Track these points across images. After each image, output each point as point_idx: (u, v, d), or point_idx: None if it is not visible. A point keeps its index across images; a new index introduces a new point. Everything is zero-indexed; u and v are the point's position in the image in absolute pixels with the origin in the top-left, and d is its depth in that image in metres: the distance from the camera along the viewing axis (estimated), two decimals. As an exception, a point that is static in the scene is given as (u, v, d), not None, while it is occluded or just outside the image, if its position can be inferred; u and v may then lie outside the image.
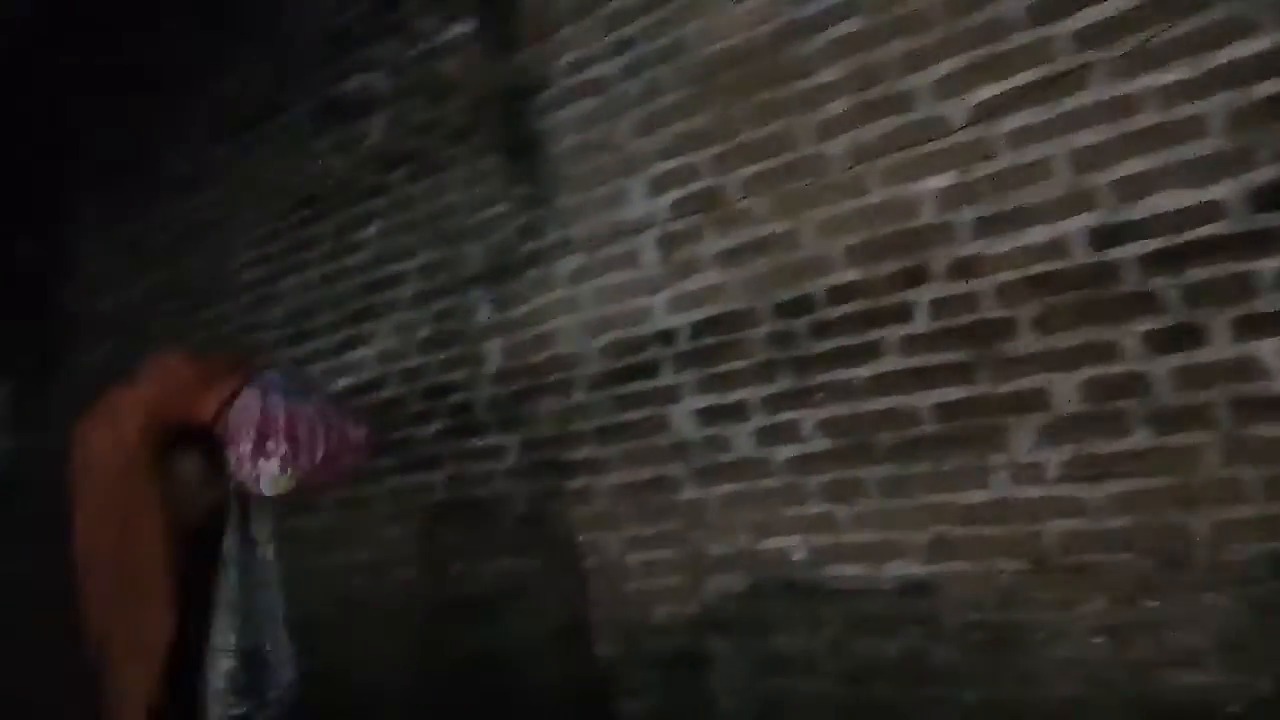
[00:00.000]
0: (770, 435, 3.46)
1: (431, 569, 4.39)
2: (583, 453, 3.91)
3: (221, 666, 3.14)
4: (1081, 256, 2.88)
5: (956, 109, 3.08)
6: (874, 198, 3.24)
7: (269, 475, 3.07)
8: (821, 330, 3.34)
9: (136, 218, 5.59)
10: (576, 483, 3.93)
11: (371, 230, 4.57)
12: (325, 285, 4.73)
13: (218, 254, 5.17)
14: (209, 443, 3.13)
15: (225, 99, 5.22)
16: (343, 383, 4.67)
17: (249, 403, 3.11)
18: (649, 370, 3.75)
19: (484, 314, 4.21)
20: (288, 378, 3.31)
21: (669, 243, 3.67)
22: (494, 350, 4.19)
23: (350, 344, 4.64)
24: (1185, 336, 2.72)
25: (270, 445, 3.05)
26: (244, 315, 5.04)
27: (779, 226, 3.42)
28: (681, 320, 3.66)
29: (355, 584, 4.66)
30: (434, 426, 4.38)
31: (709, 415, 3.60)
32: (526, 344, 4.08)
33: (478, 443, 4.23)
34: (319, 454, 3.12)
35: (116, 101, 5.77)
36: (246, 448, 3.06)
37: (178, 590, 3.06)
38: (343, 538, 4.71)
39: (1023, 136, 2.97)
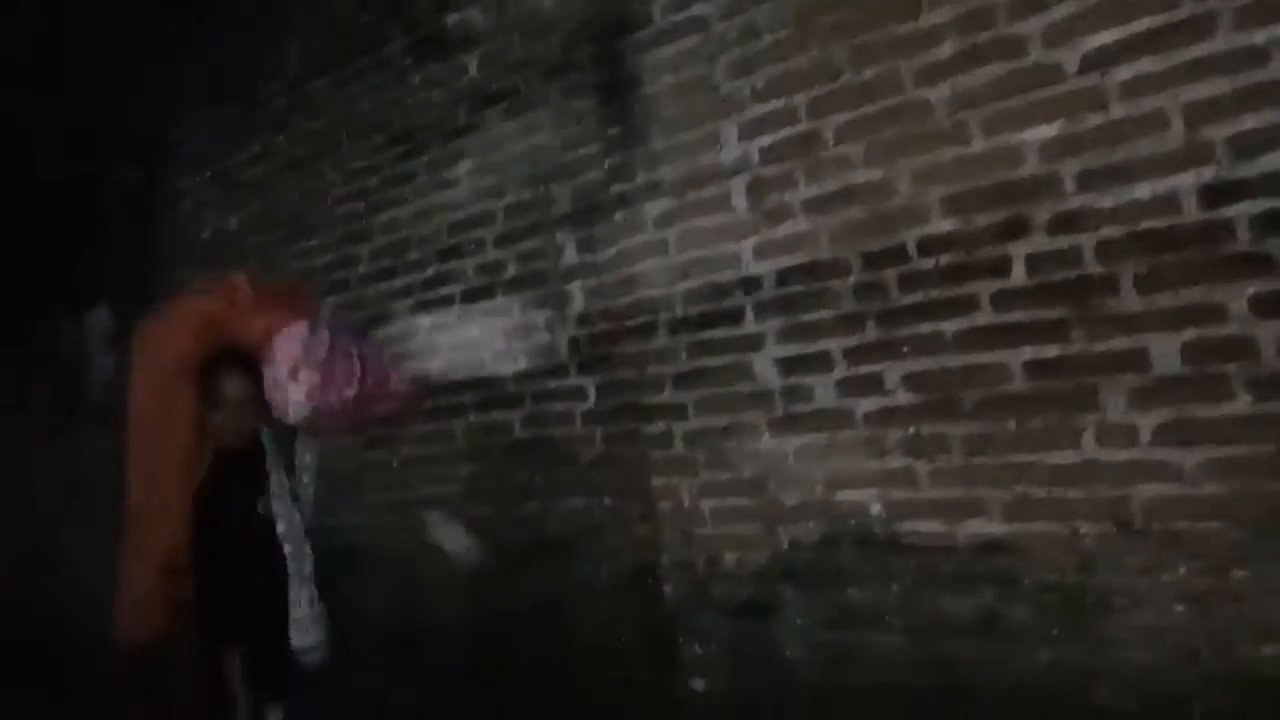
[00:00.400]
0: (852, 387, 3.41)
1: (505, 507, 4.43)
2: (661, 397, 3.90)
3: (304, 594, 3.32)
4: (1191, 214, 2.78)
5: (1069, 56, 2.98)
6: (976, 146, 3.16)
7: (293, 401, 3.15)
8: (911, 282, 3.27)
9: (234, 149, 5.69)
10: (654, 427, 3.92)
11: (463, 168, 4.59)
12: (416, 222, 4.77)
13: (313, 188, 5.24)
14: (254, 365, 3.25)
15: (323, 33, 5.27)
16: (426, 321, 4.72)
17: (297, 332, 3.21)
18: (732, 317, 3.72)
19: (570, 255, 4.21)
20: (340, 319, 3.36)
21: (759, 188, 3.63)
22: (578, 292, 4.19)
23: (438, 281, 4.67)
24: (1297, 299, 2.61)
25: (302, 375, 3.15)
26: (336, 249, 5.11)
27: (873, 174, 3.35)
28: (768, 267, 3.62)
29: (429, 519, 4.73)
30: (515, 365, 4.40)
31: (790, 364, 3.57)
32: (611, 286, 4.07)
33: (559, 383, 4.24)
34: (349, 394, 3.21)
35: (216, 33, 5.86)
36: (281, 372, 3.17)
37: (196, 499, 3.27)
38: (419, 473, 4.77)
39: (1137, 86, 2.87)
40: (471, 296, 4.55)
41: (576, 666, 4.13)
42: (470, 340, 4.56)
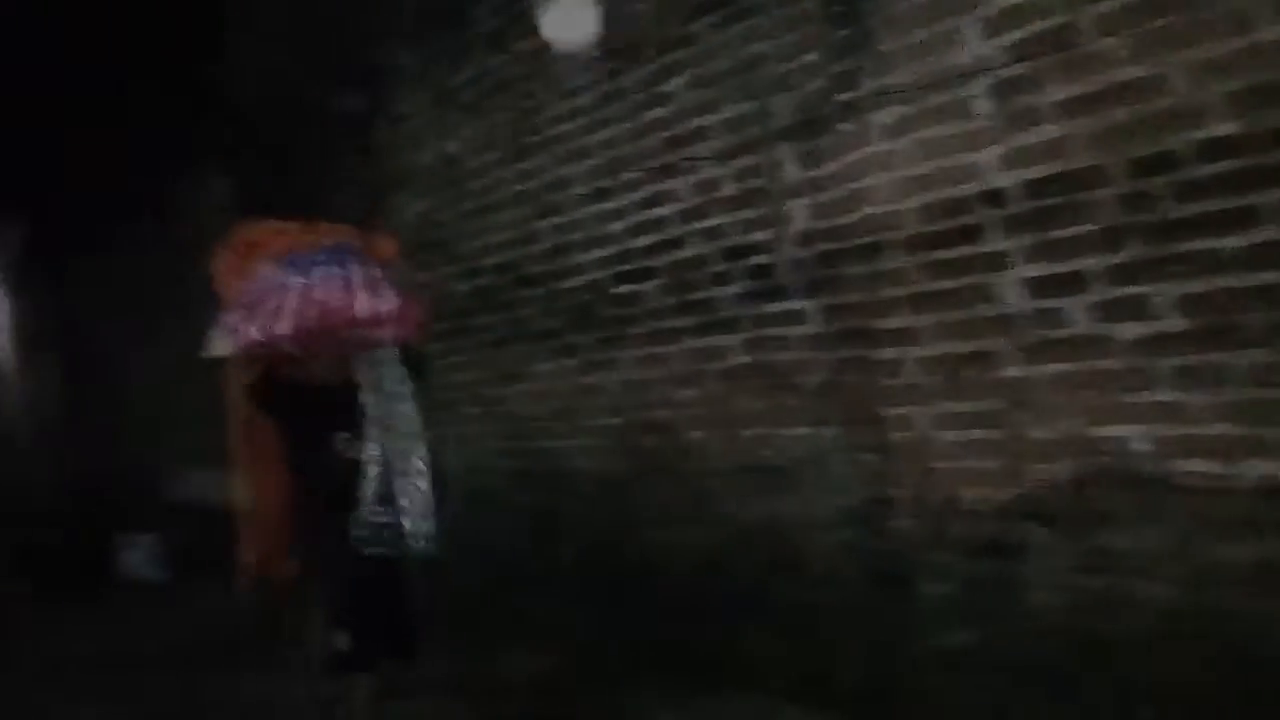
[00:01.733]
0: (1113, 310, 3.07)
1: (725, 433, 4.31)
2: (893, 321, 3.65)
3: (369, 474, 3.54)
4: None
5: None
6: (1265, 33, 2.73)
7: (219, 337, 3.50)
8: (1186, 192, 2.89)
9: (451, 71, 5.67)
10: (884, 353, 3.68)
11: (677, 83, 4.40)
12: (630, 140, 4.62)
13: (527, 108, 5.16)
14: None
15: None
16: (642, 241, 4.59)
17: (264, 274, 3.52)
18: (972, 234, 3.41)
19: (792, 171, 3.97)
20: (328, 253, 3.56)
21: (1005, 90, 3.28)
22: (800, 210, 3.95)
23: (653, 201, 4.53)
24: None
25: (238, 314, 3.47)
26: (551, 170, 5.04)
27: (1141, 70, 2.95)
28: (1014, 179, 3.28)
29: (648, 443, 4.66)
30: (733, 288, 4.23)
31: (1040, 285, 3.25)
32: (836, 203, 3.82)
33: (779, 307, 4.05)
34: (281, 328, 3.36)
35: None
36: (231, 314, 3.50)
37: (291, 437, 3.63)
38: (637, 395, 4.70)
39: None
40: (687, 217, 4.39)
41: (797, 600, 4.00)
42: (684, 262, 4.41)
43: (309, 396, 3.58)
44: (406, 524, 3.54)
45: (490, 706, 4.46)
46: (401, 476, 3.57)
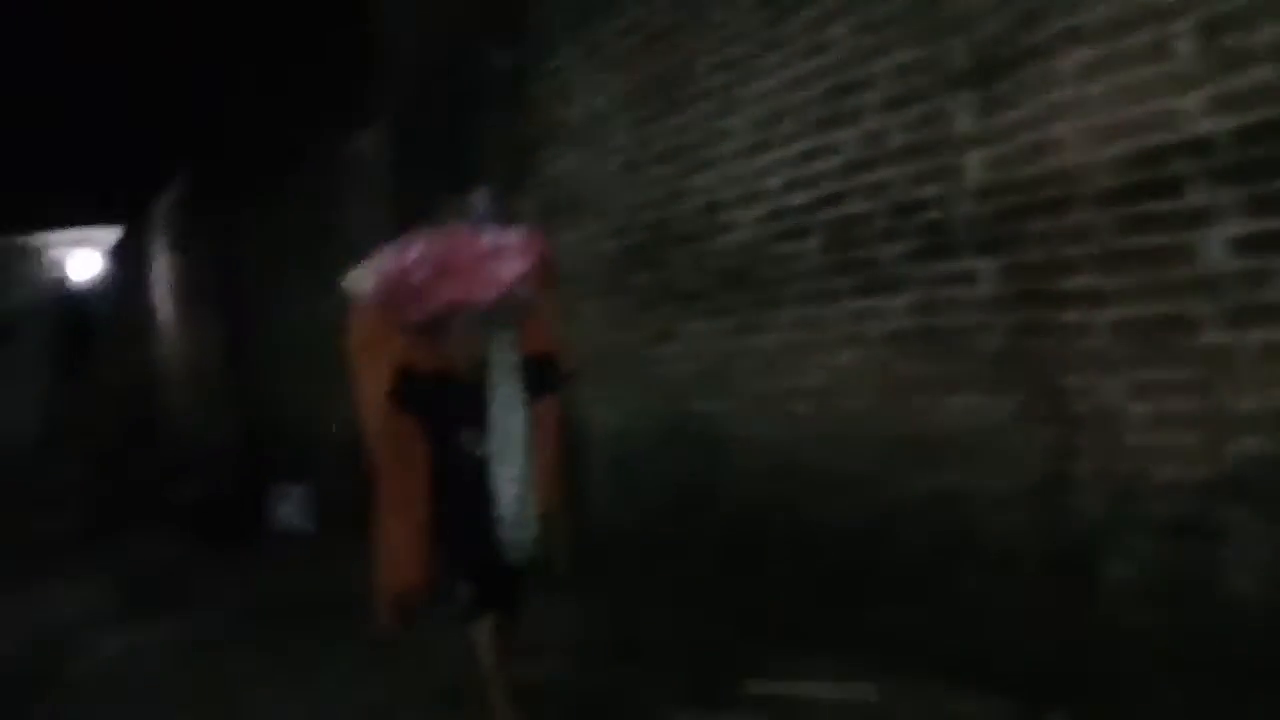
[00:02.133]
0: (1338, 272, 2.77)
1: (888, 401, 4.11)
2: (1079, 282, 3.39)
3: (510, 492, 3.59)
4: None
5: None
6: None
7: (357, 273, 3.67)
8: None
9: (603, 23, 5.54)
10: (1069, 316, 3.42)
11: (841, 28, 4.17)
12: (789, 90, 4.41)
13: (679, 60, 5.00)
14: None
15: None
16: (801, 197, 4.40)
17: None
18: (1172, 187, 3.12)
19: (966, 120, 3.72)
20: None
21: (1214, 28, 2.97)
22: (976, 162, 3.70)
23: (814, 155, 4.32)
24: None
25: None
26: (705, 123, 4.87)
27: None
28: (1223, 125, 2.98)
29: (804, 409, 4.49)
30: (899, 247, 4.00)
31: (1250, 245, 2.95)
32: (1017, 154, 3.56)
33: (950, 266, 3.81)
34: (412, 254, 3.54)
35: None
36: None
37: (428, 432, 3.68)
38: (791, 361, 4.53)
39: None
40: (850, 171, 4.18)
41: (966, 580, 3.79)
42: (846, 219, 4.20)
43: (444, 391, 3.65)
44: (505, 532, 3.59)
45: (632, 669, 4.40)
46: (504, 481, 3.61)
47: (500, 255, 3.58)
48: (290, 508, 9.08)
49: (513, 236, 3.66)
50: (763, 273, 4.64)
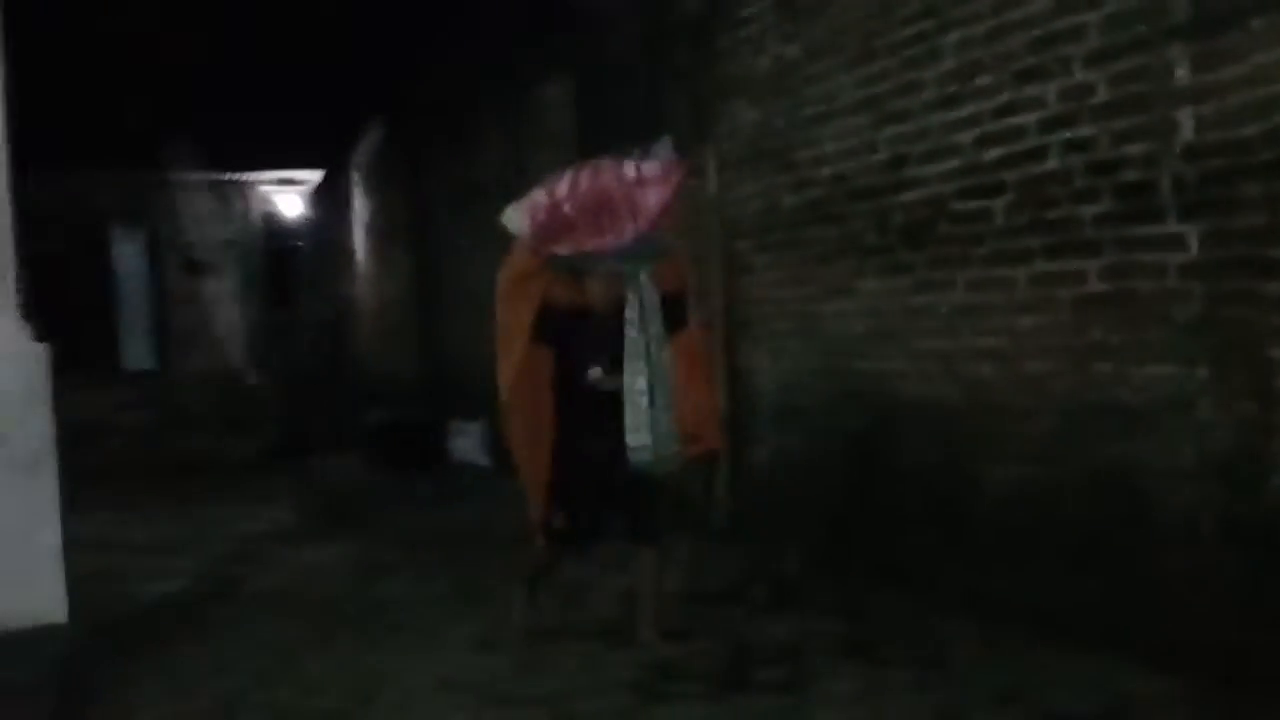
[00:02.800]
0: None
1: (1072, 367, 3.94)
2: (1294, 249, 3.16)
3: (640, 403, 3.83)
4: None
5: None
6: None
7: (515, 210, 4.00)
8: None
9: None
10: (1276, 286, 3.20)
11: (1049, -23, 3.97)
12: (990, 41, 4.24)
13: (877, 8, 4.86)
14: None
15: None
16: (994, 153, 4.23)
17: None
18: None
19: (1181, 75, 3.50)
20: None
21: None
22: (1188, 119, 3.48)
23: (1010, 109, 4.15)
24: None
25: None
26: (899, 74, 4.74)
27: None
28: None
29: (982, 372, 4.36)
30: (1096, 207, 3.82)
31: None
32: (1235, 112, 3.33)
33: (1150, 229, 3.61)
34: (561, 188, 3.86)
35: None
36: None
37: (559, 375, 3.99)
38: (972, 322, 4.39)
39: None
40: (1049, 126, 3.99)
41: (1146, 557, 3.62)
42: (1041, 176, 4.02)
43: (581, 326, 3.92)
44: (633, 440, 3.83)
45: (790, 619, 4.39)
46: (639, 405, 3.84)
47: (644, 184, 3.80)
48: (468, 442, 9.43)
49: (655, 166, 3.85)
50: (945, 230, 4.50)
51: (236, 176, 15.93)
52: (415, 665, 4.04)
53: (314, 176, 16.03)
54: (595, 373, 3.89)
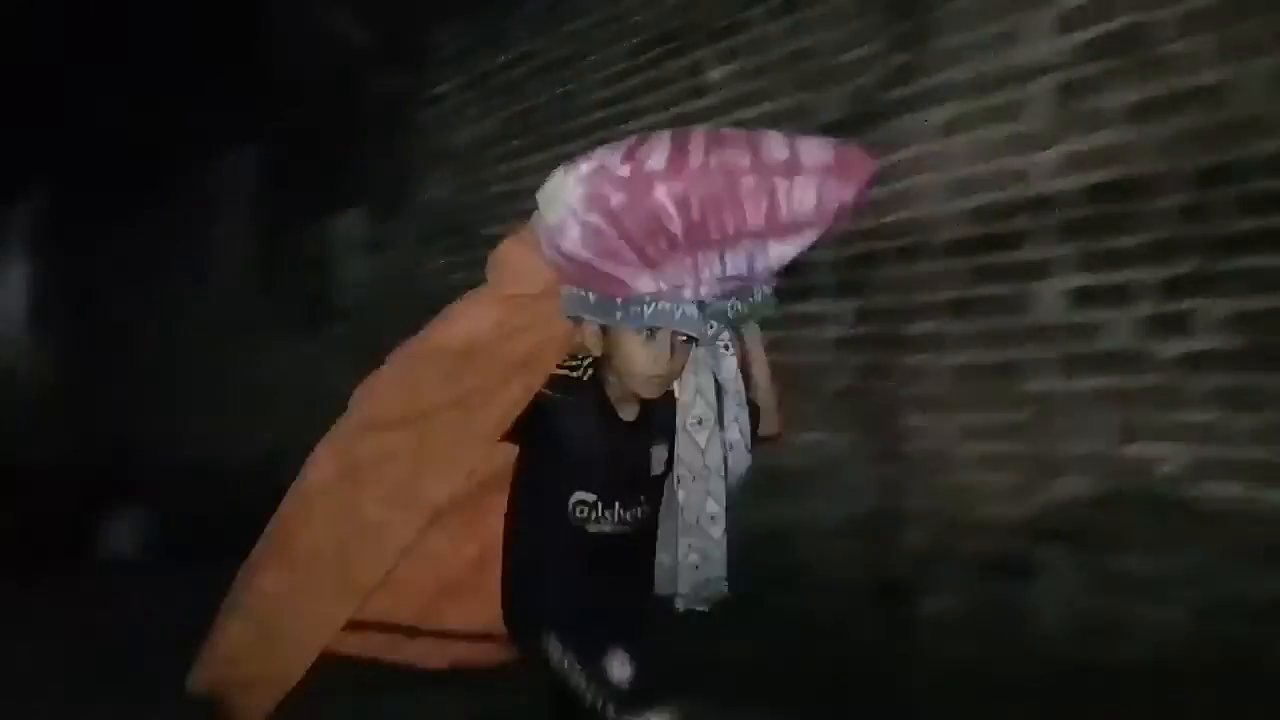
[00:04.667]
0: (1157, 326, 2.96)
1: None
2: (924, 327, 3.54)
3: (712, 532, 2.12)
4: None
5: None
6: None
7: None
8: (1250, 205, 2.78)
9: (491, 52, 5.60)
10: (913, 360, 3.57)
11: (723, 72, 4.30)
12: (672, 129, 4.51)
13: (567, 92, 5.08)
14: None
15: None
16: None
17: None
18: (1015, 240, 3.31)
19: (833, 167, 3.87)
20: None
21: (1069, 91, 3.18)
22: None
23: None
24: None
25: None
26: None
27: (1216, 76, 2.86)
28: (1069, 184, 3.17)
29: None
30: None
31: (1082, 297, 3.14)
32: (878, 202, 3.69)
33: (806, 307, 3.93)
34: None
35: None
36: None
37: None
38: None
39: None
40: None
41: (793, 607, 3.83)
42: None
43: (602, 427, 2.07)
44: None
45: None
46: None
47: (801, 172, 1.78)
48: (122, 531, 8.27)
49: (823, 148, 1.84)
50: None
51: None
52: None
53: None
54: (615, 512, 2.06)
